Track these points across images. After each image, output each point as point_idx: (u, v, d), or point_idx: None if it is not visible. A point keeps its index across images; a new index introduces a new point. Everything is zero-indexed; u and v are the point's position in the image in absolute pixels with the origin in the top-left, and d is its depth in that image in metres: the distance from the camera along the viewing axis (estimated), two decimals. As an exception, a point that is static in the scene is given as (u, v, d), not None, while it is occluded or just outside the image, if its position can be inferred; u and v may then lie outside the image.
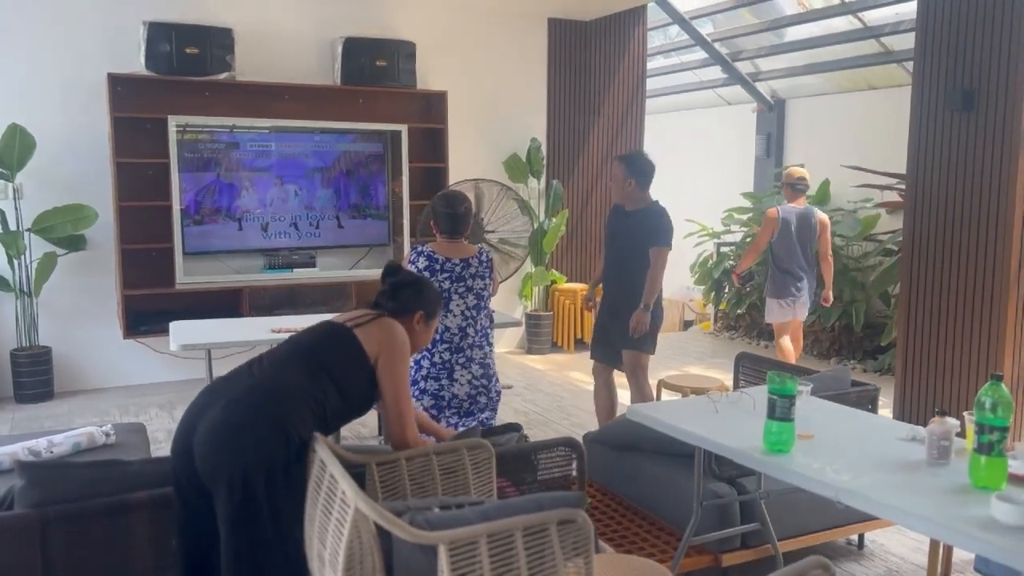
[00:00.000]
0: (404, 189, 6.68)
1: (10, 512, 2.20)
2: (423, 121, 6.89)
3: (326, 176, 6.61)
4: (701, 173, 9.99)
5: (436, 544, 1.70)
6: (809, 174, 5.94)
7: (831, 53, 8.06)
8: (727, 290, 8.62)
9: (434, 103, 6.88)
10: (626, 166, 4.36)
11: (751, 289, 8.06)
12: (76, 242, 5.84)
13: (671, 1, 8.13)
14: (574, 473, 2.94)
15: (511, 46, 7.38)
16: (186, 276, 6.04)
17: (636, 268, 4.30)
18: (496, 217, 6.79)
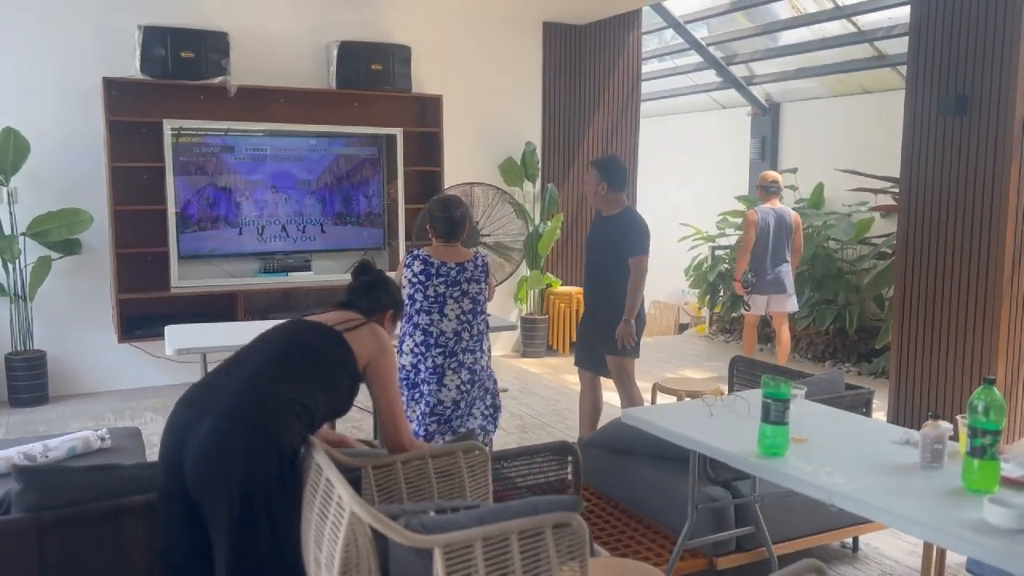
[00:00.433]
0: (399, 193, 6.69)
1: (7, 516, 2.20)
2: (418, 125, 6.90)
3: (321, 180, 6.61)
4: (695, 177, 10.02)
5: (432, 547, 1.70)
6: (781, 176, 6.38)
7: (825, 57, 8.10)
8: (722, 293, 8.64)
9: (429, 107, 6.90)
10: (597, 171, 4.33)
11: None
12: (71, 246, 5.83)
13: (666, 5, 8.15)
14: (569, 477, 2.95)
15: (506, 50, 7.40)
16: (181, 280, 6.04)
17: (612, 274, 4.27)
18: (491, 221, 6.79)
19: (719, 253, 8.77)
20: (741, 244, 6.46)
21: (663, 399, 4.68)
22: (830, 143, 8.29)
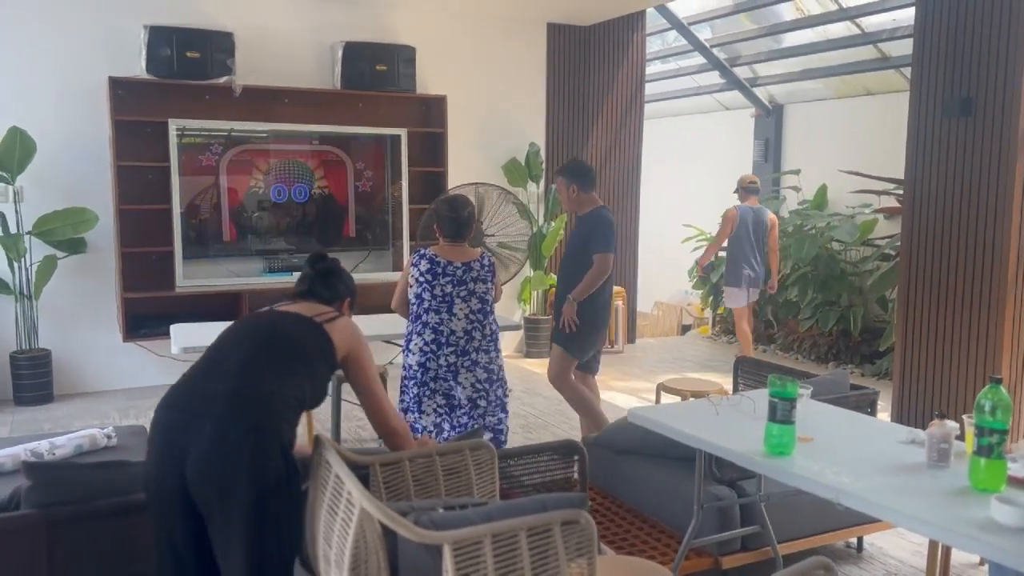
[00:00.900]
0: (403, 193, 6.70)
1: (16, 512, 2.21)
2: (423, 125, 6.91)
3: (325, 180, 6.62)
4: (699, 178, 10.01)
5: (441, 544, 1.71)
6: (759, 178, 7.07)
7: (829, 59, 8.10)
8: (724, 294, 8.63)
9: (434, 107, 6.91)
10: (565, 176, 4.43)
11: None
12: (76, 245, 5.84)
13: (670, 7, 8.16)
14: (575, 475, 2.95)
15: (510, 51, 7.41)
16: (186, 279, 6.05)
17: (582, 271, 4.32)
18: (496, 221, 6.81)
19: (722, 255, 8.75)
20: (716, 236, 6.95)
21: (667, 399, 4.68)
22: (833, 145, 8.29)
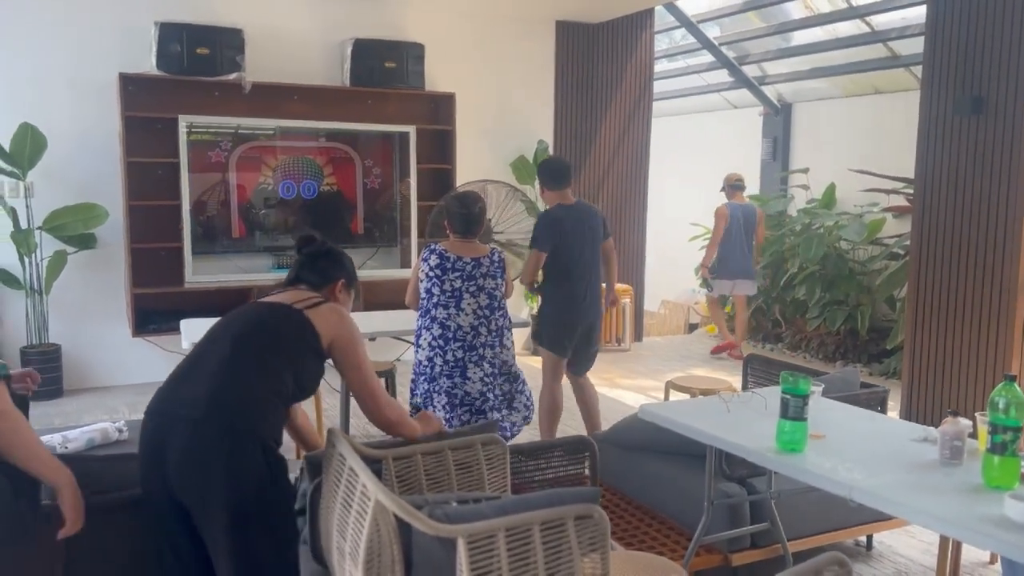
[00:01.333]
0: (412, 190, 6.70)
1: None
2: (431, 123, 6.92)
3: (334, 177, 6.63)
4: (706, 176, 9.97)
5: (455, 537, 1.71)
6: (744, 176, 7.58)
7: (838, 57, 8.08)
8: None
9: (442, 105, 6.91)
10: (538, 179, 4.59)
11: (755, 293, 8.14)
12: (86, 240, 5.86)
13: (678, 4, 8.15)
14: (586, 472, 2.96)
15: (519, 49, 7.41)
16: (195, 275, 6.06)
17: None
18: (504, 218, 6.81)
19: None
20: (713, 234, 7.35)
21: (675, 397, 4.68)
22: (842, 143, 8.27)
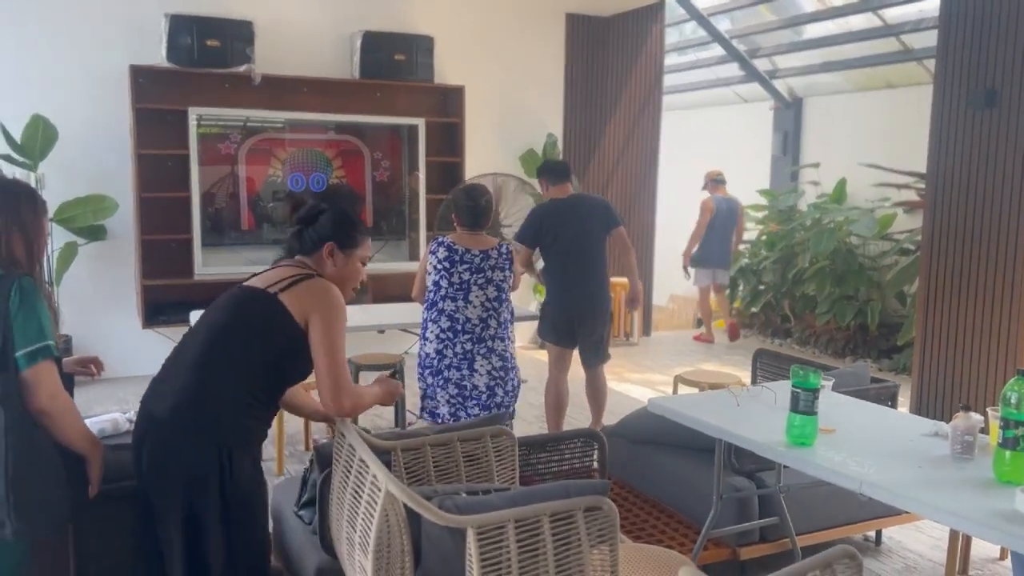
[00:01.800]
0: (420, 183, 6.70)
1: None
2: (440, 115, 6.91)
3: (343, 169, 6.64)
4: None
5: (465, 528, 1.72)
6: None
7: (850, 51, 8.04)
8: (741, 288, 8.61)
9: (451, 98, 6.90)
10: (539, 177, 4.81)
11: (765, 288, 8.19)
12: (97, 232, 5.89)
13: (689, -2, 8.12)
14: (594, 465, 2.96)
15: (529, 41, 7.39)
16: (204, 267, 6.08)
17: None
18: (513, 211, 6.80)
19: (740, 247, 8.72)
20: (697, 225, 7.69)
21: (684, 391, 4.67)
22: (853, 138, 8.23)
